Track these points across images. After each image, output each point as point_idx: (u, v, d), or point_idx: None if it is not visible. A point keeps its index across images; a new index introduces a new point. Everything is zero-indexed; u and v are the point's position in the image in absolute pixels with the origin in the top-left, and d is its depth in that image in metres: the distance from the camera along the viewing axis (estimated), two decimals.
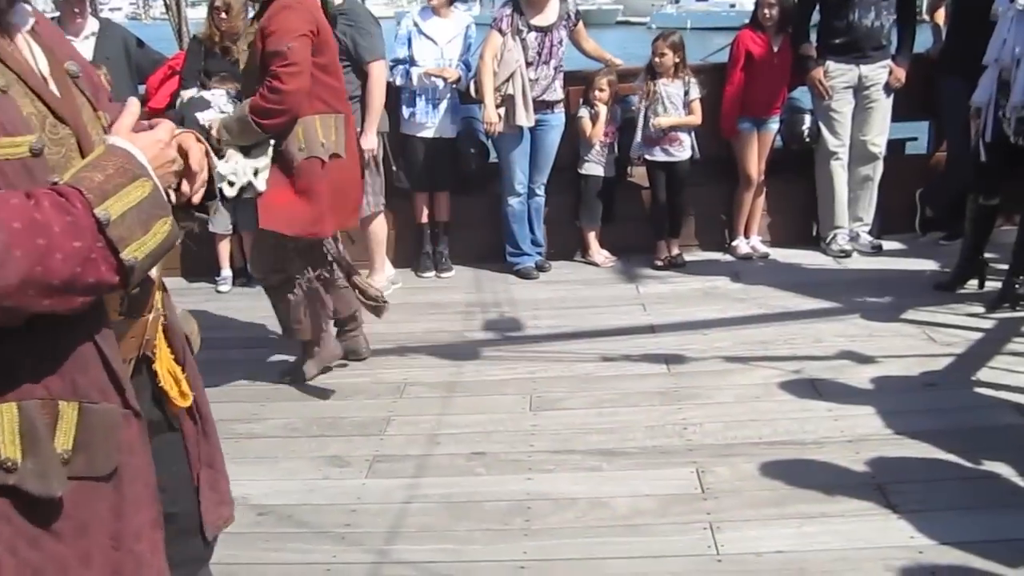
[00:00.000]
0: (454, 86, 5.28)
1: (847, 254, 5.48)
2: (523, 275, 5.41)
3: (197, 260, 5.66)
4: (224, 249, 5.50)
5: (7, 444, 1.24)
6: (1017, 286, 4.43)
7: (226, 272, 5.52)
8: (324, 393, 3.89)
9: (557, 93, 5.30)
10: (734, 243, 5.68)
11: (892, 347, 4.08)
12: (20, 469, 1.24)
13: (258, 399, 3.86)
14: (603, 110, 5.35)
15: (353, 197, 3.96)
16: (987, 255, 4.78)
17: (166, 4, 6.02)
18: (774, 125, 5.49)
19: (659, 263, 5.45)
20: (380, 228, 5.18)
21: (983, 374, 3.76)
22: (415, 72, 5.22)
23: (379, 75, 4.86)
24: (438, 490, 3.05)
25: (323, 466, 3.26)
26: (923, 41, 5.67)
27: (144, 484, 1.43)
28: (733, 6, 44.98)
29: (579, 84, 5.51)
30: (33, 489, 1.25)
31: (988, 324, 4.32)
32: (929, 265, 5.25)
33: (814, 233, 5.75)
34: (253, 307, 5.15)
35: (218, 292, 5.47)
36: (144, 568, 1.42)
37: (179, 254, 5.71)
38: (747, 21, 5.58)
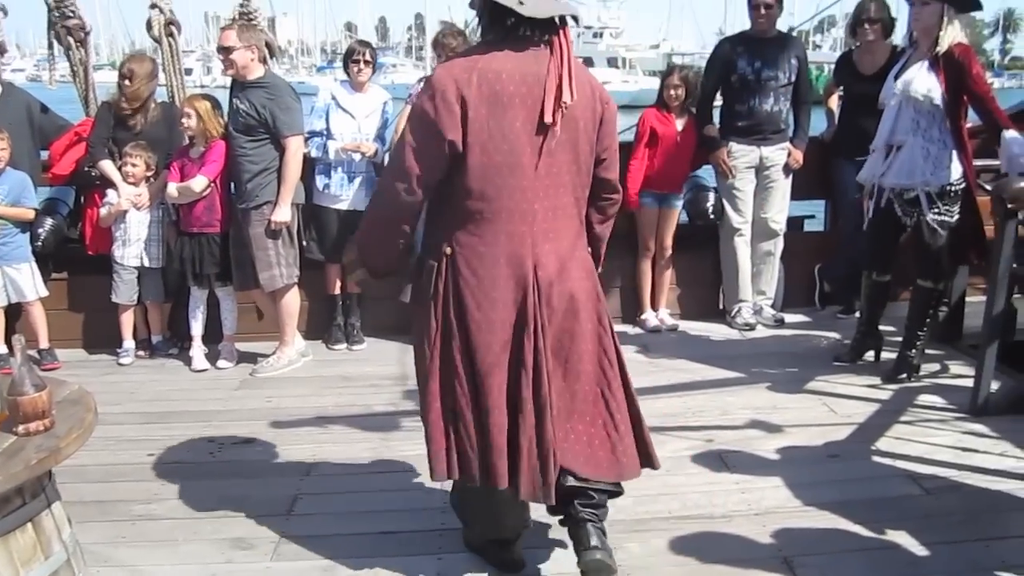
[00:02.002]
0: (370, 160, 5.31)
1: (751, 327, 5.66)
2: None
3: (98, 331, 5.49)
4: (127, 320, 5.33)
5: None
6: (911, 358, 4.63)
7: (128, 343, 5.34)
8: (228, 471, 3.77)
9: None
10: (642, 316, 5.80)
11: (796, 418, 4.20)
12: None
13: (158, 478, 3.71)
14: None
15: None
16: (883, 328, 4.99)
17: (72, 68, 5.89)
18: (677, 202, 5.67)
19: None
20: (293, 300, 5.12)
21: (882, 443, 3.89)
22: (332, 145, 5.23)
23: (296, 149, 4.86)
24: (348, 572, 2.96)
25: (226, 549, 3.13)
26: (818, 125, 5.97)
27: None
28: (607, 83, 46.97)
29: None
30: None
31: (885, 395, 4.49)
32: (829, 337, 5.46)
33: (720, 306, 5.92)
34: (155, 380, 5.03)
35: (119, 364, 5.28)
36: None
37: (80, 324, 5.54)
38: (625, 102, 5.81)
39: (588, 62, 54.56)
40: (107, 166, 5.18)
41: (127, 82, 5.15)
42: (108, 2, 61.47)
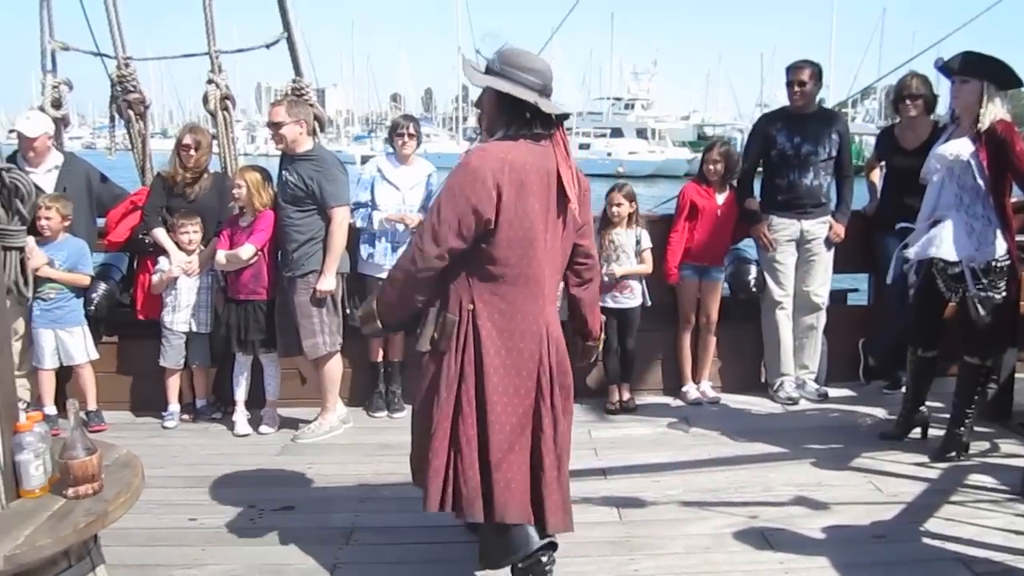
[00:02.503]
0: (413, 230, 5.40)
1: (794, 401, 5.59)
2: None
3: (145, 394, 5.59)
4: (173, 384, 5.43)
5: None
6: (960, 436, 4.53)
7: (173, 407, 5.43)
8: (268, 537, 3.78)
9: None
10: (684, 388, 5.76)
11: (841, 496, 4.11)
12: None
13: (199, 543, 3.73)
14: None
15: None
16: (930, 404, 4.90)
17: (131, 140, 6.13)
18: (718, 274, 5.68)
19: (611, 407, 5.49)
20: (335, 368, 5.18)
21: (931, 524, 3.79)
22: (376, 216, 5.34)
23: (342, 219, 4.98)
24: None
25: None
26: (860, 198, 5.97)
27: None
28: (609, 154, 47.83)
29: None
30: None
31: (933, 474, 4.39)
32: (874, 413, 5.37)
33: (762, 380, 5.87)
34: (198, 444, 5.09)
35: (164, 427, 5.36)
36: None
37: (128, 387, 5.65)
38: (620, 168, 5.90)
39: (617, 132, 55.41)
40: (160, 234, 5.34)
41: (192, 152, 5.34)
42: (161, 75, 63.61)
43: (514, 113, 3.00)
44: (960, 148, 4.28)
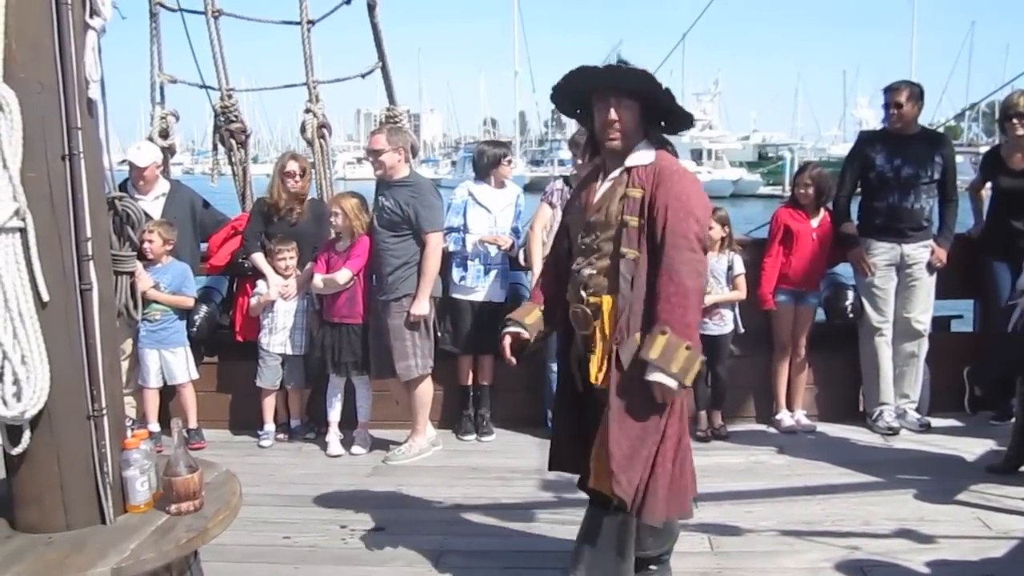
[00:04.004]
0: (506, 252, 5.45)
1: (894, 431, 5.39)
2: None
3: (242, 413, 5.75)
4: (269, 404, 5.58)
5: None
6: None
7: (269, 427, 5.58)
8: (358, 558, 3.83)
9: None
10: (777, 416, 5.62)
11: (946, 531, 3.93)
12: None
13: (292, 561, 3.80)
14: None
15: None
16: None
17: (232, 167, 6.36)
18: (813, 299, 5.55)
19: (701, 434, 5.39)
20: (427, 390, 5.24)
21: None
22: (470, 239, 5.41)
23: (437, 244, 5.06)
24: None
25: None
26: (964, 221, 5.75)
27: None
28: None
29: None
30: None
31: None
32: (980, 445, 5.13)
33: (860, 408, 5.68)
34: (292, 463, 5.21)
35: (260, 446, 5.50)
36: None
37: (226, 406, 5.83)
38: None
39: (673, 153, 54.50)
40: (259, 259, 5.52)
41: (297, 179, 5.51)
42: (252, 103, 65.74)
43: (651, 124, 3.12)
44: None
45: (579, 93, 3.14)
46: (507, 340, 3.33)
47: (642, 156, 3.07)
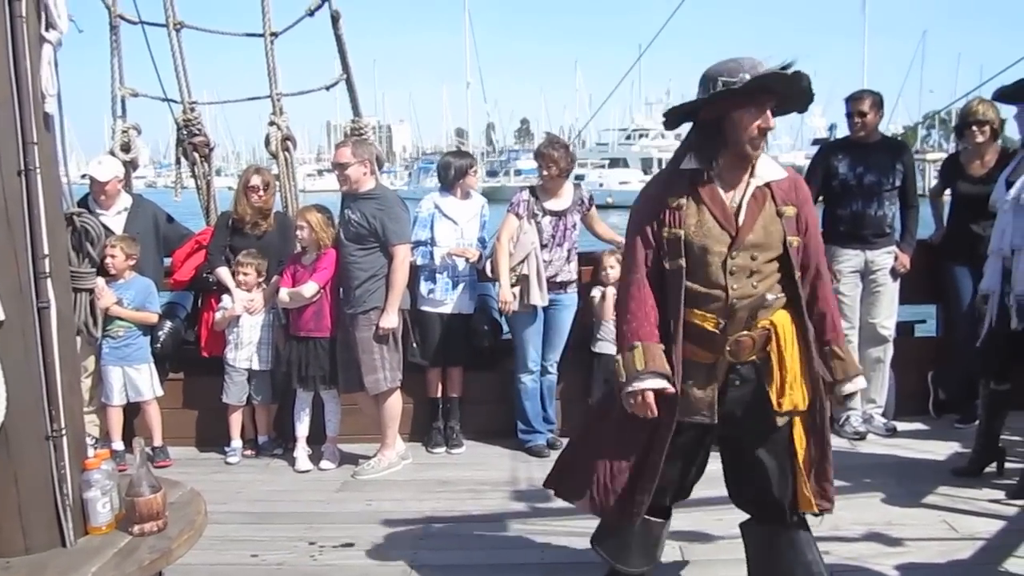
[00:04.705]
0: (473, 265, 5.44)
1: (861, 436, 5.44)
2: (534, 453, 5.37)
3: (208, 430, 5.68)
4: (236, 420, 5.51)
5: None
6: None
7: (236, 443, 5.51)
8: (329, 574, 3.78)
9: (570, 274, 5.44)
10: None
11: (913, 534, 3.96)
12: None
13: None
14: (614, 289, 5.46)
15: None
16: (1006, 438, 4.72)
17: (196, 181, 6.29)
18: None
19: None
20: (395, 403, 5.20)
21: (1010, 565, 3.63)
22: (438, 252, 5.39)
23: (404, 257, 5.04)
24: None
25: None
26: (925, 226, 5.84)
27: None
28: (601, 185, 47.33)
29: (590, 265, 5.65)
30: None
31: (1011, 511, 4.21)
32: (945, 448, 5.19)
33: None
34: (259, 480, 5.14)
35: (227, 463, 5.43)
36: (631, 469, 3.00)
37: (192, 423, 5.75)
38: (609, 199, 5.85)
39: (619, 163, 55.13)
40: (223, 273, 5.45)
41: (261, 194, 5.46)
42: (215, 116, 65.23)
43: None
44: None
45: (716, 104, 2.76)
46: (651, 397, 2.83)
47: (771, 168, 2.91)
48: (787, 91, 2.76)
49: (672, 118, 2.88)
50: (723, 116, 2.75)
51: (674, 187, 2.89)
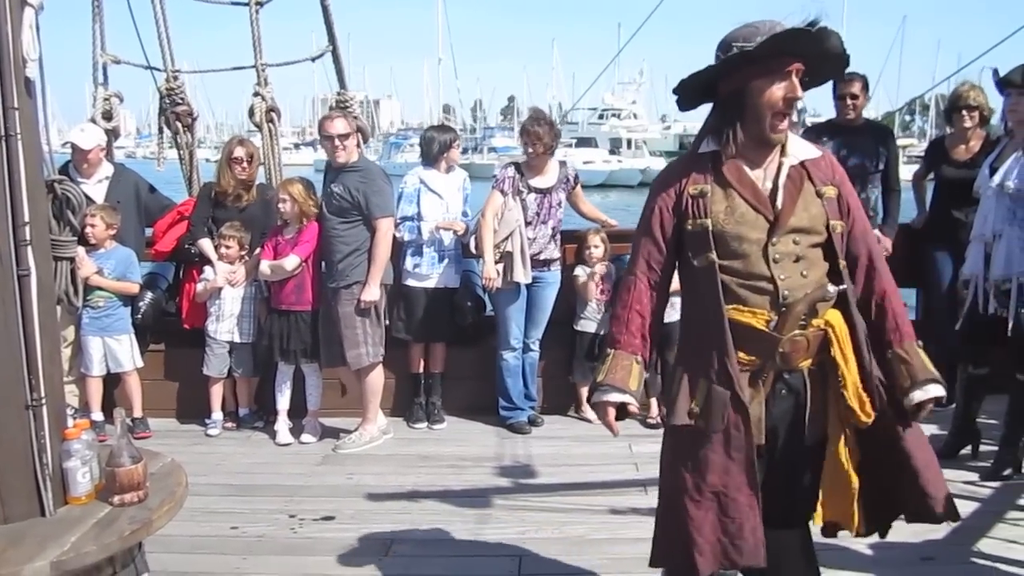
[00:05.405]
0: (459, 238, 5.43)
1: None
2: (515, 429, 5.39)
3: (189, 402, 5.66)
4: (216, 392, 5.50)
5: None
6: (1012, 454, 4.41)
7: (216, 415, 5.50)
8: (308, 548, 3.79)
9: (554, 252, 5.44)
10: None
11: None
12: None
13: (240, 552, 3.75)
14: (599, 268, 5.47)
15: None
16: (983, 421, 4.78)
17: (179, 151, 6.22)
18: None
19: (651, 421, 5.43)
20: (377, 378, 5.20)
21: (983, 546, 3.69)
22: (425, 226, 5.37)
23: (387, 230, 5.02)
24: None
25: None
26: (907, 211, 5.87)
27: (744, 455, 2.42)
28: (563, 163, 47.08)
29: (574, 243, 5.65)
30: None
31: (985, 493, 4.27)
32: (923, 430, 5.22)
33: None
34: (240, 452, 5.14)
35: (207, 435, 5.42)
36: (733, 509, 2.44)
37: (173, 395, 5.73)
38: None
39: (588, 142, 54.84)
40: (205, 244, 5.41)
41: (245, 165, 5.41)
42: (195, 86, 64.54)
43: None
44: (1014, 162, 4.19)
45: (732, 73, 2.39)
46: (612, 414, 2.54)
47: (804, 146, 2.55)
48: (811, 52, 2.36)
49: (685, 94, 2.50)
50: (743, 88, 2.39)
51: (694, 173, 2.50)
